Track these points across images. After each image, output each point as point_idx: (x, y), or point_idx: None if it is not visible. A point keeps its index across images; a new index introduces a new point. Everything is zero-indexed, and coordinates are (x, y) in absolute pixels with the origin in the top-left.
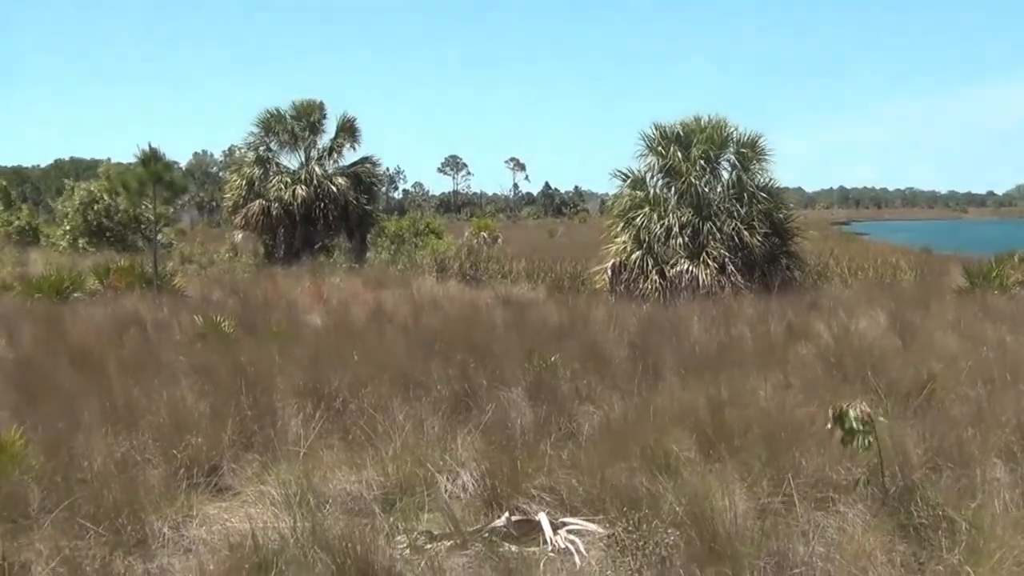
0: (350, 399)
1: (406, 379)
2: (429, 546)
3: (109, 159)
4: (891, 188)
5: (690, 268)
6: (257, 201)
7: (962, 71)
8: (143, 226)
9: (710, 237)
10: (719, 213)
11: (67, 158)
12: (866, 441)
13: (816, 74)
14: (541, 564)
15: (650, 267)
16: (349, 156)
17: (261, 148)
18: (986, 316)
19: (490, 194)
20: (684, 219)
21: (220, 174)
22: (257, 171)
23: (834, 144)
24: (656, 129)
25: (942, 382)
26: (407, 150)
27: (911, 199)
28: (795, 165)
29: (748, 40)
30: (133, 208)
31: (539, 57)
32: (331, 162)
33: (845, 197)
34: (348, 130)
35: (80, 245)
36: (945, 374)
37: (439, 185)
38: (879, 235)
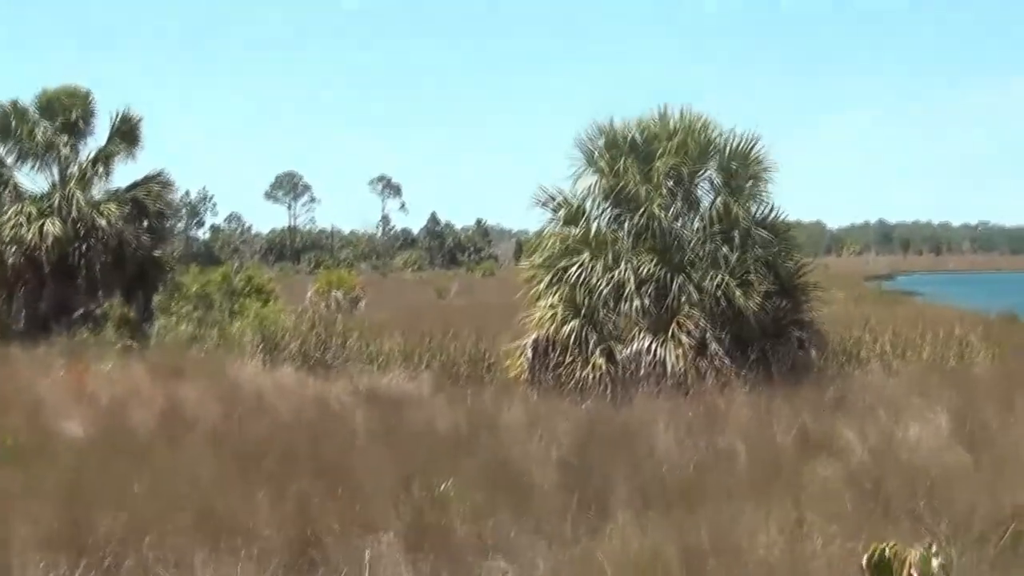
0: (127, 552)
1: (216, 520)
2: None
3: None
4: (955, 223)
5: (653, 346)
6: None
7: None
8: None
9: (683, 298)
10: (697, 261)
11: None
12: None
13: (840, 57)
14: None
15: (592, 344)
16: (128, 173)
17: None
18: None
19: (347, 232)
20: (644, 271)
21: None
22: None
23: (869, 157)
24: (600, 133)
25: None
26: (219, 167)
27: (986, 240)
28: (811, 187)
29: (733, 13)
30: None
31: (420, 33)
32: (100, 182)
33: (887, 236)
34: (127, 134)
35: None
36: None
37: (268, 218)
38: (939, 294)
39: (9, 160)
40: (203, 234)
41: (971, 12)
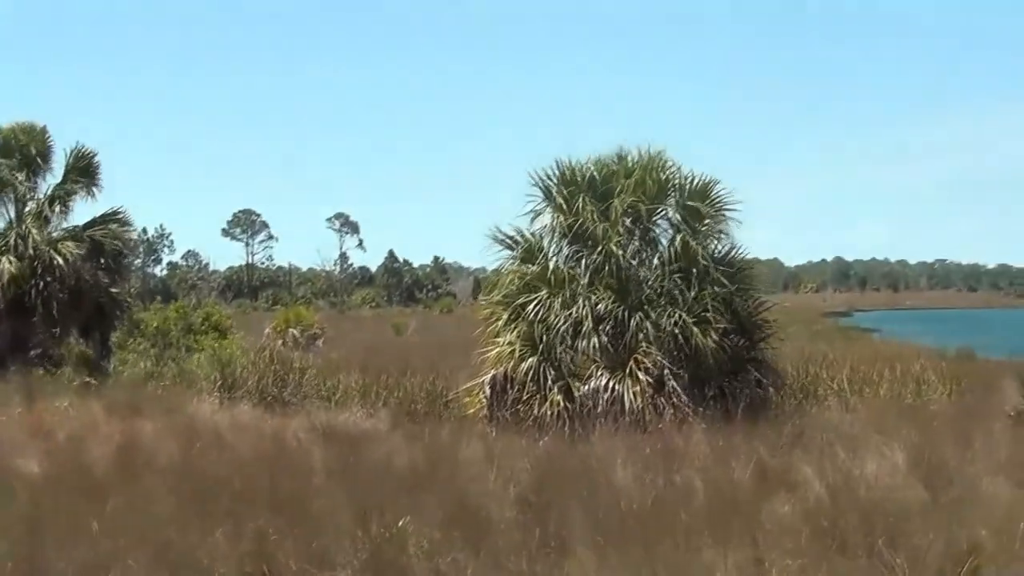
0: None
1: (173, 557)
2: None
3: None
4: (912, 260)
5: (611, 383)
6: None
7: (1014, 86)
8: None
9: (641, 336)
10: (655, 299)
11: None
12: None
13: (799, 90)
14: None
15: (550, 381)
16: (86, 210)
17: None
18: None
19: (304, 270)
20: (602, 308)
21: None
22: None
23: (826, 193)
24: (559, 170)
25: (992, 554)
26: (175, 204)
27: (943, 277)
28: (769, 225)
29: (697, 49)
30: None
31: (379, 72)
32: (57, 220)
33: (844, 274)
34: (84, 169)
35: None
36: (996, 542)
37: (226, 256)
38: (896, 331)
39: None
40: (160, 271)
41: (925, 51)
